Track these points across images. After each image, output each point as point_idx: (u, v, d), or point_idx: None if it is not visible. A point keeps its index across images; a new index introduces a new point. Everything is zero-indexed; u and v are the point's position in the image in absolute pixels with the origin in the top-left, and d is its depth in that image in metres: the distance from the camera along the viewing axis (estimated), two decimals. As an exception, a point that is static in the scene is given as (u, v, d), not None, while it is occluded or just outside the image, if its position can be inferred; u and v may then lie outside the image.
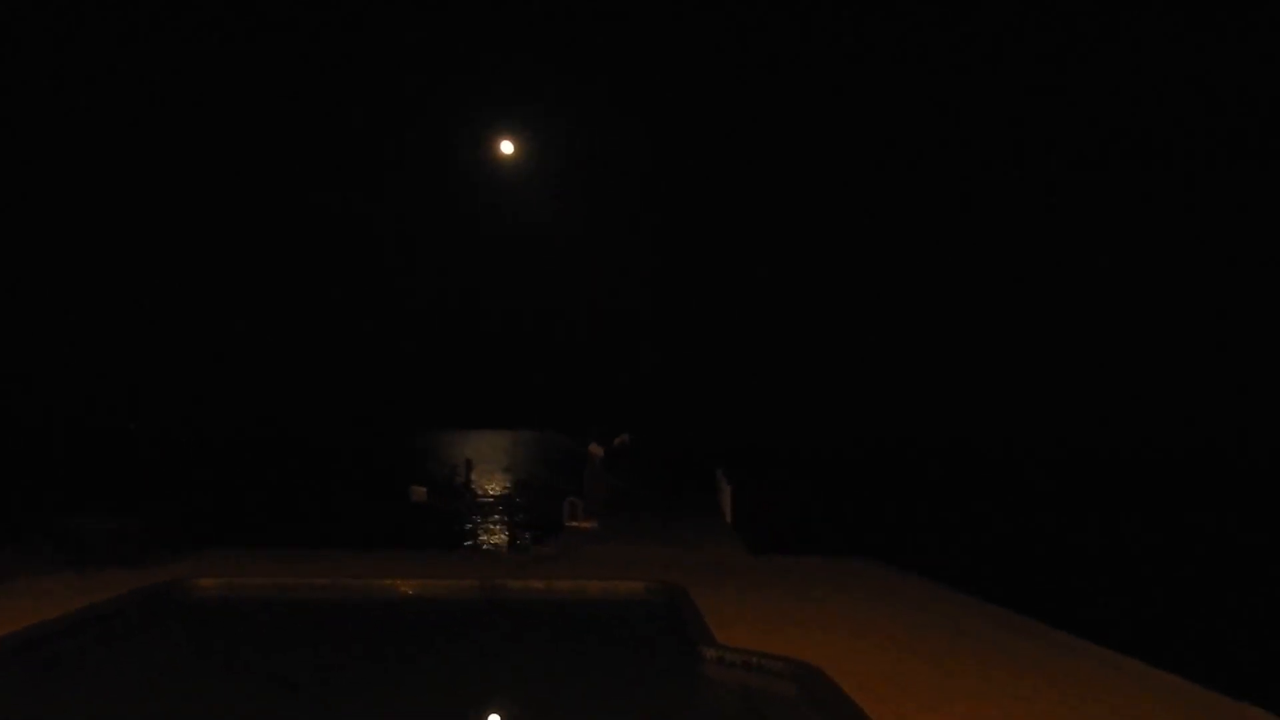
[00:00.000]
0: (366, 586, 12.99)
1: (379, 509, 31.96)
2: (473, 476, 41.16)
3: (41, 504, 25.09)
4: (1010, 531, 29.85)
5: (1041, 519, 34.28)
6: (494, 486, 43.51)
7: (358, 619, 12.02)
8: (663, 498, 28.57)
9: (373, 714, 8.13)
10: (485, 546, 24.20)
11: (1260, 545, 27.88)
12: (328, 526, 26.93)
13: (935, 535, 27.79)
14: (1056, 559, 23.97)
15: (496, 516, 30.23)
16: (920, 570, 14.63)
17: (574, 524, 20.47)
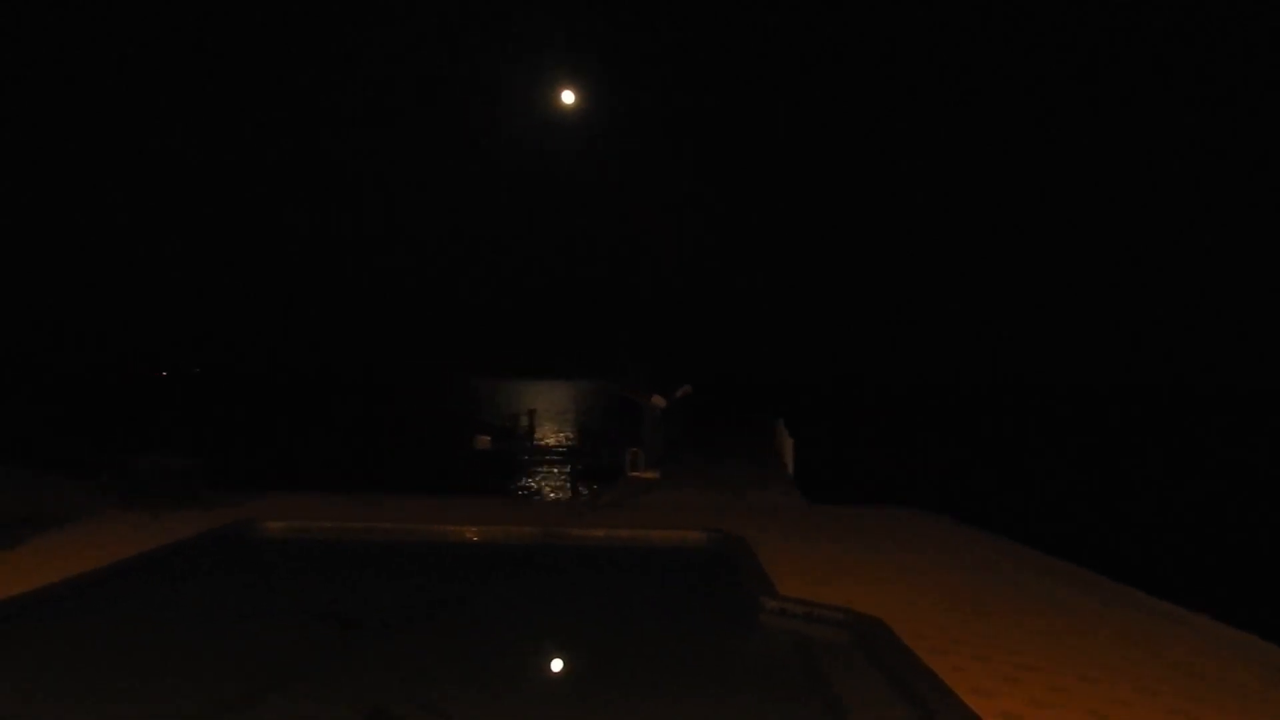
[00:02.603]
0: (430, 531, 13.27)
1: (444, 456, 32.49)
2: (536, 425, 41.59)
3: (112, 446, 25.98)
4: (1073, 482, 29.38)
5: (1104, 468, 33.67)
6: (556, 436, 43.97)
7: (421, 562, 12.29)
8: (723, 448, 28.60)
9: (434, 654, 8.34)
10: (547, 495, 24.52)
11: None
12: (393, 472, 27.49)
13: (994, 486, 27.47)
14: (1121, 513, 23.55)
15: (559, 466, 30.58)
16: (977, 522, 14.50)
17: (636, 474, 20.61)
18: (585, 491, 23.04)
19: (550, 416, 59.15)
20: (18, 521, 12.74)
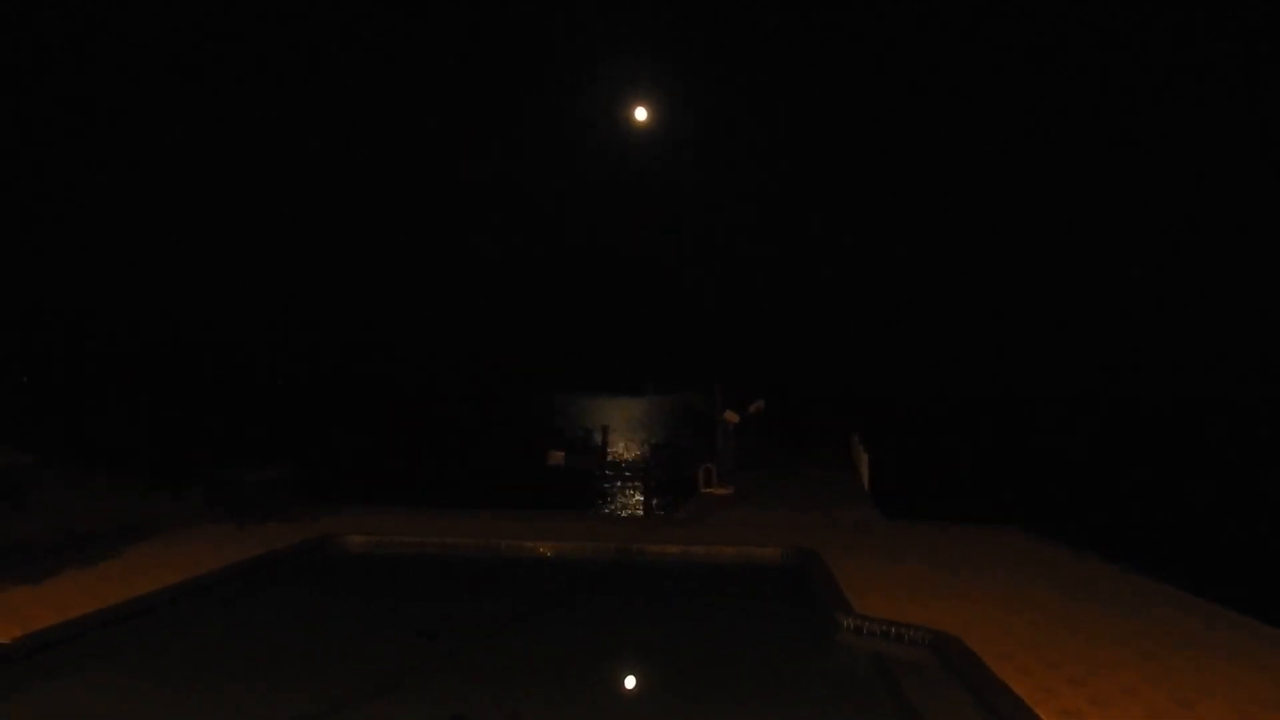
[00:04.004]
0: (506, 547, 13.39)
1: (518, 471, 32.78)
2: (610, 441, 41.75)
3: (199, 457, 26.81)
4: (1171, 497, 28.45)
5: (1207, 482, 32.52)
6: (629, 451, 44.09)
7: (498, 577, 12.43)
8: (798, 463, 28.39)
9: (510, 668, 8.42)
10: (621, 510, 24.60)
11: None
12: (469, 486, 27.81)
13: (1081, 500, 26.75)
14: (1225, 528, 22.74)
15: (632, 481, 30.64)
16: (1067, 539, 14.12)
17: (709, 490, 20.55)
18: (659, 507, 23.05)
19: (622, 431, 59.28)
20: (110, 533, 13.23)
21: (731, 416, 22.07)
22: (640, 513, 23.32)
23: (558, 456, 33.66)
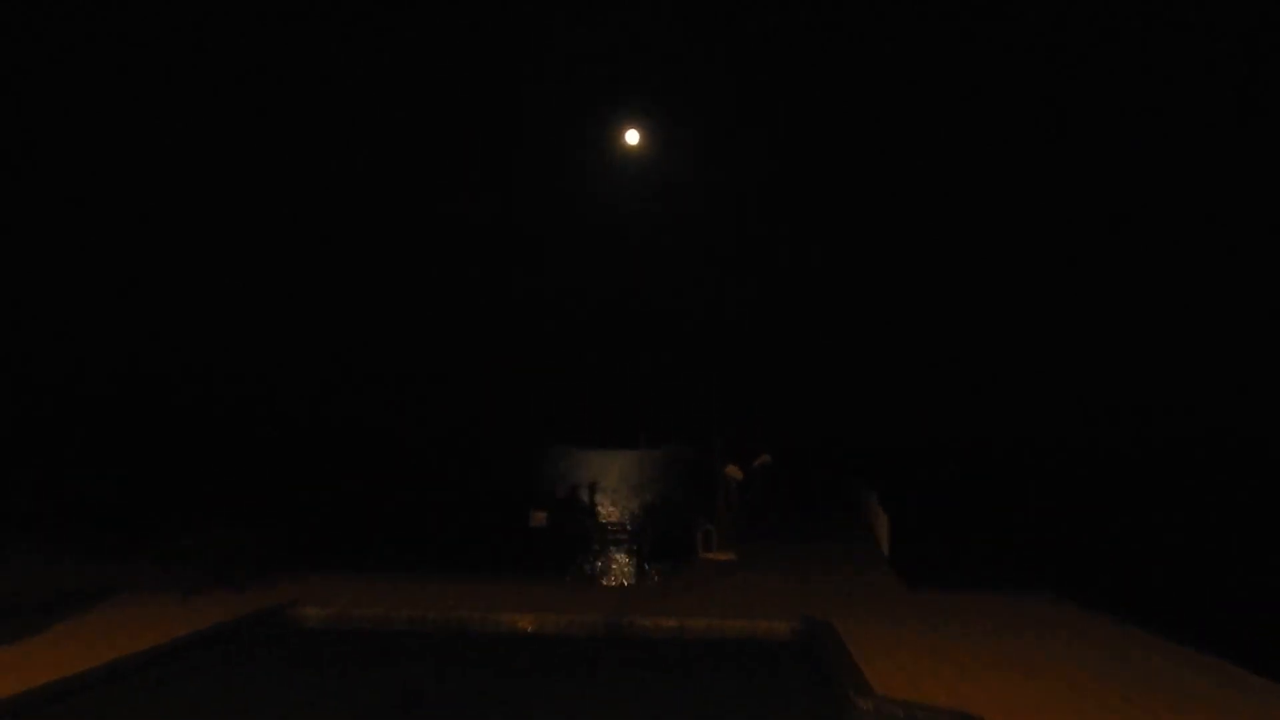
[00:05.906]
0: (479, 620, 12.82)
1: (497, 533, 32.27)
2: (598, 499, 41.22)
3: (148, 519, 26.40)
4: (1213, 560, 28.00)
5: (1244, 542, 32.12)
6: (620, 510, 43.53)
7: (469, 657, 11.83)
8: (807, 524, 27.89)
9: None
10: (611, 578, 24.00)
11: None
12: (442, 548, 27.32)
13: (1112, 564, 26.29)
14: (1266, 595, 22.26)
15: (624, 544, 30.07)
16: (1104, 606, 13.74)
17: (709, 555, 20.07)
18: (654, 573, 22.47)
19: (614, 488, 58.74)
20: (43, 604, 12.80)
21: (734, 471, 21.61)
22: (632, 580, 22.76)
23: (540, 517, 33.02)
